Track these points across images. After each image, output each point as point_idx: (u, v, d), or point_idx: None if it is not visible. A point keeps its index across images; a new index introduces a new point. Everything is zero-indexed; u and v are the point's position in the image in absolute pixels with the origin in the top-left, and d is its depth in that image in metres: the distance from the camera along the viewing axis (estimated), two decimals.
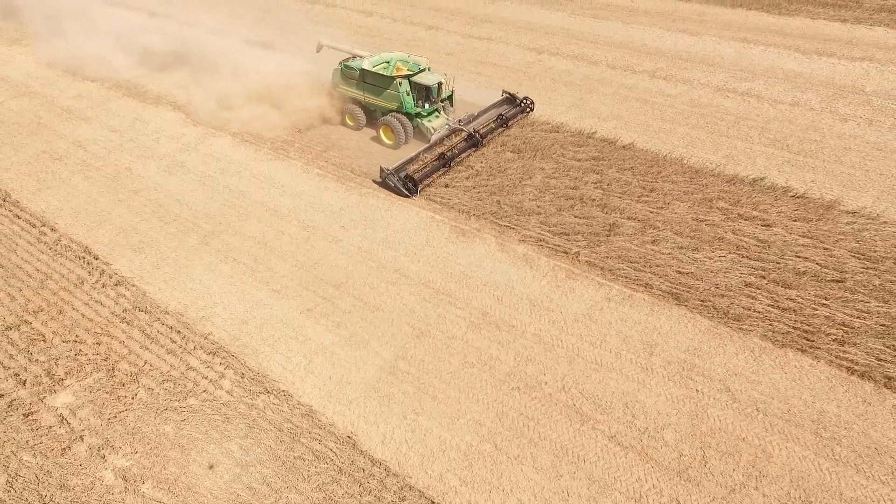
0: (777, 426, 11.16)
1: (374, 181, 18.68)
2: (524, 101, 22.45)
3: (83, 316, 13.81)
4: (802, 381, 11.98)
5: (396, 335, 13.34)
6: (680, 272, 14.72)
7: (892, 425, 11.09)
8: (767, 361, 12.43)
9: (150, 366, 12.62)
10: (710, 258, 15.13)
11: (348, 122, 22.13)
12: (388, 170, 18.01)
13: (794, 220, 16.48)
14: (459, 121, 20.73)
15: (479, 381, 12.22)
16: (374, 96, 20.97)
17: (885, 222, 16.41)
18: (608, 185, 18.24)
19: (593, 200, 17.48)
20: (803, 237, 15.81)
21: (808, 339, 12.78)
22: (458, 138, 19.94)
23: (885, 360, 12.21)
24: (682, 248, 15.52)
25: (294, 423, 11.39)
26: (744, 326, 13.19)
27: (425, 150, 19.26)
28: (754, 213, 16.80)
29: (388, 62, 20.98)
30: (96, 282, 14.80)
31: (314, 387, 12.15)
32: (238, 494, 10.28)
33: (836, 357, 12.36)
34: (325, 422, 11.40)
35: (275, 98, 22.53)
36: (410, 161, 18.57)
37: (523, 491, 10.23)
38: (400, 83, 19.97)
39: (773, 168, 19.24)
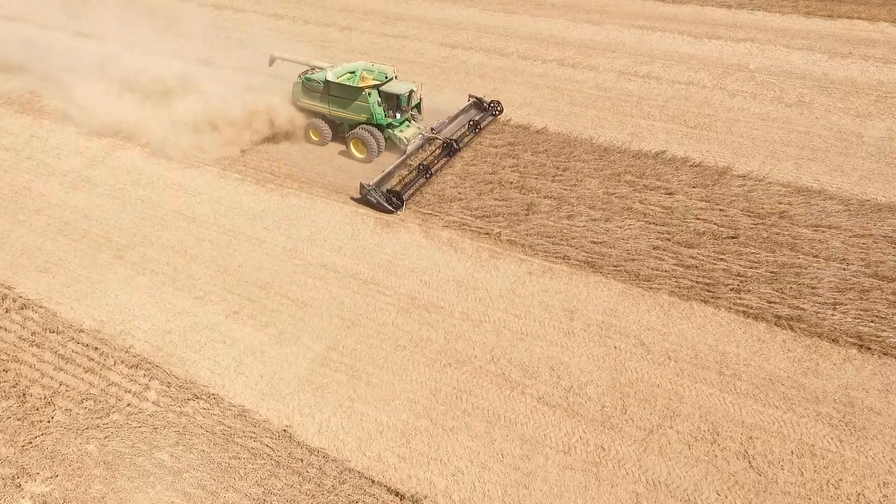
0: (686, 370, 12.13)
1: (353, 198, 17.75)
2: (492, 105, 22.10)
3: None
4: (706, 329, 13.06)
5: (327, 328, 13.41)
6: (594, 242, 15.61)
7: (783, 357, 12.31)
8: (675, 314, 13.45)
9: (67, 387, 12.06)
10: (620, 227, 16.13)
11: (313, 137, 20.73)
12: (368, 185, 16.86)
13: (693, 187, 17.82)
14: (432, 129, 19.78)
15: (411, 363, 12.51)
16: (341, 109, 19.84)
17: (771, 183, 18.04)
18: (524, 167, 19.01)
19: (511, 183, 18.18)
20: (702, 201, 17.14)
21: (709, 291, 13.92)
22: (434, 147, 19.24)
23: (775, 302, 13.51)
24: (595, 220, 16.45)
25: (227, 425, 11.25)
26: (653, 285, 14.19)
27: (402, 162, 18.29)
28: (658, 183, 18.02)
29: (353, 72, 20.05)
30: None
31: (245, 387, 12.04)
32: (173, 502, 10.07)
33: (733, 304, 13.54)
34: (260, 419, 11.33)
35: (216, 120, 20.79)
36: (390, 174, 17.68)
37: (460, 459, 10.62)
38: (369, 93, 18.95)
39: (673, 142, 20.68)
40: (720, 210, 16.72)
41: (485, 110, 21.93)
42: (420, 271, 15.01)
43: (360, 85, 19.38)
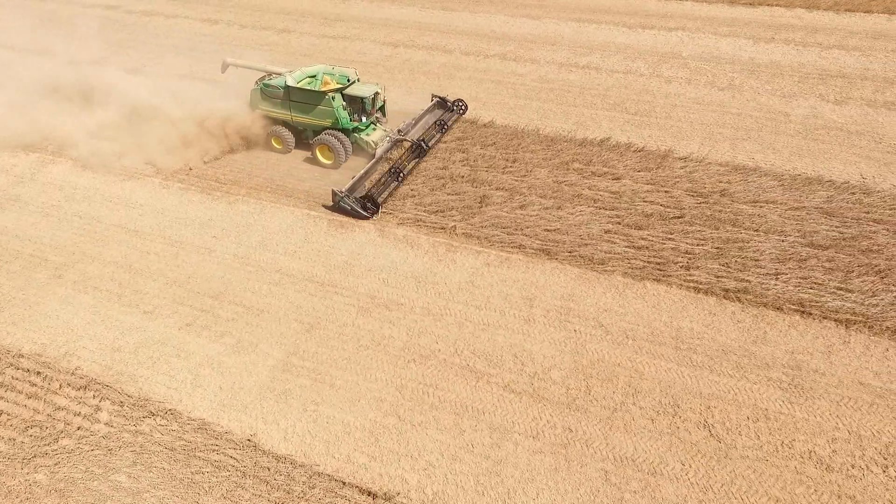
0: (644, 348, 12.49)
1: (325, 206, 17.13)
2: (457, 104, 21.90)
3: None
4: (660, 306, 13.49)
5: (286, 333, 13.10)
6: (547, 230, 15.86)
7: (733, 328, 12.86)
8: (630, 295, 13.83)
9: (8, 415, 11.32)
10: (572, 214, 16.46)
11: (275, 145, 19.91)
12: (341, 192, 16.43)
13: (639, 171, 18.38)
14: (399, 131, 19.39)
15: (375, 361, 12.37)
16: (304, 115, 19.14)
17: (710, 163, 18.82)
18: (474, 161, 19.12)
19: (462, 177, 18.24)
20: (647, 184, 17.69)
21: (660, 270, 14.39)
22: (402, 149, 18.90)
23: (722, 276, 14.09)
24: (547, 208, 16.72)
25: (187, 440, 10.82)
26: (607, 268, 14.55)
27: (373, 167, 17.91)
28: (605, 169, 18.49)
29: (314, 76, 19.37)
30: None
31: (204, 399, 11.61)
32: None
33: (684, 281, 14.04)
34: (221, 431, 10.95)
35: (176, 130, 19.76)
36: (361, 179, 17.24)
37: (430, 452, 10.58)
38: (333, 97, 18.35)
39: (616, 129, 21.26)
40: (665, 192, 17.30)
41: (450, 110, 21.69)
42: (378, 270, 14.86)
43: (323, 89, 18.83)
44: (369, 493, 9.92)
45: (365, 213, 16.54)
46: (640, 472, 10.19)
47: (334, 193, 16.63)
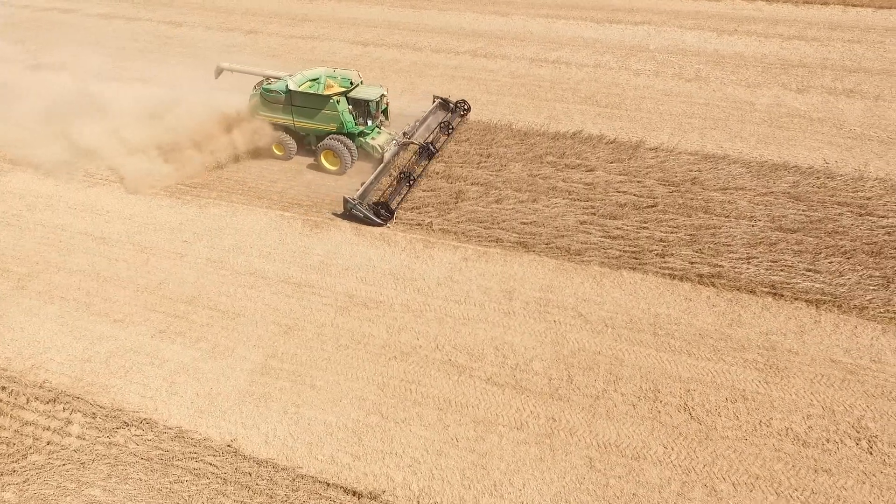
0: (624, 335, 12.59)
1: (335, 214, 16.59)
2: (459, 104, 21.48)
3: None
4: (638, 294, 13.63)
5: (263, 336, 12.86)
6: (524, 223, 15.89)
7: (709, 313, 13.07)
8: (607, 284, 13.94)
9: None
10: (547, 206, 16.52)
11: (276, 151, 19.29)
12: (353, 200, 15.93)
13: (611, 162, 18.56)
14: (405, 134, 18.86)
15: (355, 360, 12.22)
16: (307, 119, 18.55)
17: (680, 153, 19.11)
18: (449, 157, 19.08)
19: (437, 173, 18.18)
20: (620, 175, 17.88)
21: (636, 258, 14.54)
22: (408, 152, 18.28)
23: (696, 262, 14.31)
24: (522, 201, 16.75)
25: (164, 449, 10.52)
26: (584, 258, 14.64)
27: (382, 171, 17.28)
28: (578, 161, 18.62)
29: (316, 79, 18.85)
30: None
31: (181, 407, 11.31)
32: None
33: (659, 268, 14.21)
34: (200, 438, 10.68)
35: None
36: (372, 185, 16.66)
37: (415, 449, 10.48)
38: (338, 101, 17.86)
39: (588, 121, 21.45)
40: (638, 182, 17.50)
41: (452, 111, 21.21)
42: (355, 268, 14.70)
43: (327, 92, 18.32)
44: (354, 493, 9.78)
45: (379, 221, 15.96)
46: (623, 458, 10.26)
47: (346, 201, 16.07)
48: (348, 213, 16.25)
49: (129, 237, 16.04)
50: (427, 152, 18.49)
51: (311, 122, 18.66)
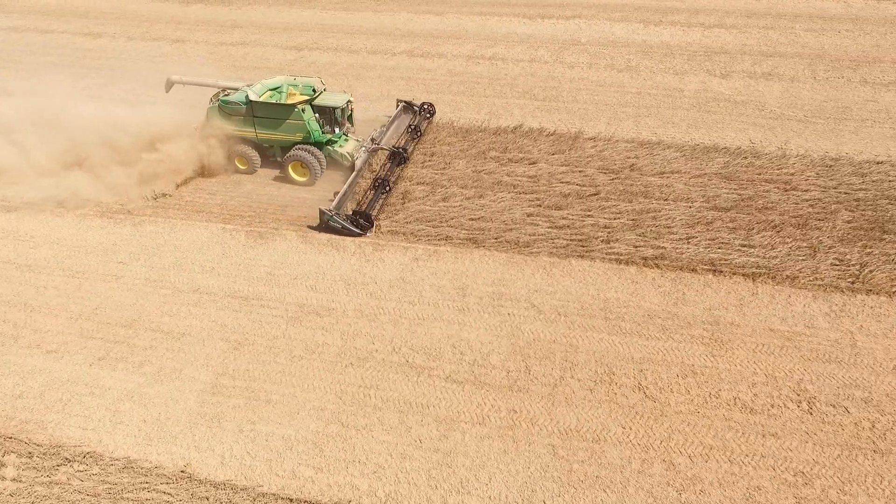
0: (576, 322, 12.85)
1: (310, 227, 16.02)
2: (424, 107, 21.07)
3: None
4: (587, 281, 13.94)
5: (212, 354, 12.37)
6: (472, 219, 15.97)
7: (655, 293, 13.51)
8: (557, 273, 14.19)
9: None
10: (494, 201, 16.66)
11: (239, 165, 18.47)
12: (329, 211, 15.47)
13: (553, 154, 18.91)
14: (373, 139, 18.50)
15: (311, 370, 11.94)
16: (271, 130, 17.81)
17: (618, 140, 19.70)
18: None
19: None
20: (562, 166, 18.24)
21: (583, 246, 14.86)
22: (379, 158, 17.89)
23: (640, 246, 14.77)
24: (469, 198, 16.83)
25: (111, 482, 9.94)
26: (533, 250, 14.85)
27: (355, 179, 16.86)
28: (521, 155, 18.88)
29: (277, 88, 18.09)
30: None
31: (127, 436, 10.73)
32: None
33: (605, 254, 14.59)
34: (150, 466, 10.16)
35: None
36: (346, 195, 16.18)
37: (378, 454, 10.33)
38: (303, 109, 17.23)
39: (528, 115, 21.78)
40: (579, 171, 17.90)
41: (418, 114, 20.84)
42: (304, 277, 14.37)
43: (291, 101, 17.61)
44: None
45: (358, 231, 15.50)
46: (585, 442, 10.46)
47: (322, 213, 15.59)
48: (325, 225, 15.75)
49: (57, 262, 15.10)
50: (399, 157, 18.07)
51: (275, 133, 17.96)
